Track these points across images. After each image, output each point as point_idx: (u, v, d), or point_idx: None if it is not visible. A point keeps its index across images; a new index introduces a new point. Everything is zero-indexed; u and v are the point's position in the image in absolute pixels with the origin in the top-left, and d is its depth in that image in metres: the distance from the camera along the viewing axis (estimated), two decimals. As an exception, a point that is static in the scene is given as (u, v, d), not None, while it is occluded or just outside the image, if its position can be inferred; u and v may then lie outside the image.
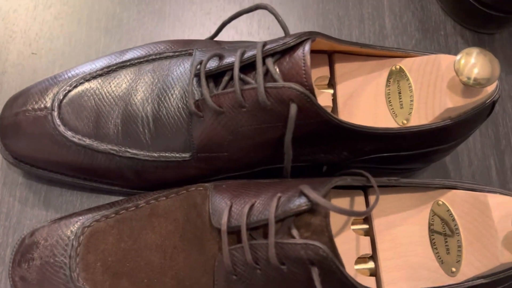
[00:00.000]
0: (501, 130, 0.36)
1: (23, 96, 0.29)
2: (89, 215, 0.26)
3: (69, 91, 0.28)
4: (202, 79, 0.26)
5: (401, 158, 0.30)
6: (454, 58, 0.26)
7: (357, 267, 0.27)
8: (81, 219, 0.26)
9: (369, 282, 0.27)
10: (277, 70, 0.25)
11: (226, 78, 0.26)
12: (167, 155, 0.28)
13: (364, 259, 0.28)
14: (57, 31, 0.35)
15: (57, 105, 0.28)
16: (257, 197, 0.24)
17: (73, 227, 0.26)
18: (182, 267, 0.25)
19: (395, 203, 0.28)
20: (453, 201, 0.27)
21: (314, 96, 0.24)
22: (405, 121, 0.29)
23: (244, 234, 0.23)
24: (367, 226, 0.28)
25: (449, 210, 0.27)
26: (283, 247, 0.22)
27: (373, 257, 0.28)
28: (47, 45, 0.35)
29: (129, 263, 0.25)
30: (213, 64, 0.26)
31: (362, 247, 0.27)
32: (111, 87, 0.28)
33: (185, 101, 0.27)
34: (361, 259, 0.28)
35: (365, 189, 0.28)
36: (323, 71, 0.31)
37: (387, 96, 0.30)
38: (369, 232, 0.28)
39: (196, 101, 0.26)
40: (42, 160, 0.29)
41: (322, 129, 0.26)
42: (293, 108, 0.24)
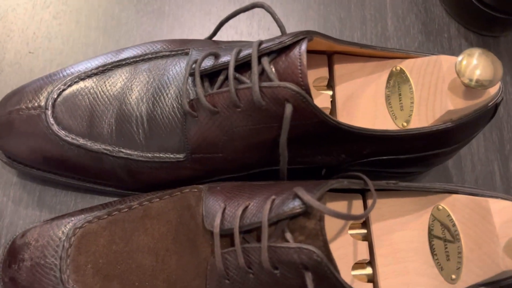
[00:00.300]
0: (505, 134, 0.36)
1: (18, 94, 0.28)
2: (81, 216, 0.26)
3: (64, 90, 0.28)
4: (196, 78, 0.25)
5: (401, 161, 0.29)
6: (455, 59, 0.26)
7: (354, 272, 0.26)
8: (73, 220, 0.26)
9: (366, 288, 0.26)
10: (273, 69, 0.24)
11: (221, 77, 0.26)
12: (161, 155, 0.27)
13: (361, 265, 0.27)
14: (55, 31, 0.35)
15: (51, 104, 0.27)
16: (251, 200, 0.24)
17: (65, 228, 0.25)
18: (174, 270, 0.24)
19: (394, 207, 0.28)
20: (454, 206, 0.26)
21: (310, 96, 0.23)
22: (405, 123, 0.28)
23: (237, 237, 0.22)
24: (365, 230, 0.27)
25: (449, 215, 0.26)
26: (276, 251, 0.21)
27: (371, 262, 0.27)
28: (45, 44, 0.35)
29: (120, 265, 0.24)
30: (208, 63, 0.26)
31: (359, 252, 0.27)
32: (106, 86, 0.28)
33: (180, 101, 0.27)
34: (359, 265, 0.27)
35: (364, 192, 0.28)
36: (322, 72, 0.30)
37: (387, 97, 0.29)
38: (367, 237, 0.27)
39: (190, 101, 0.26)
40: (35, 159, 0.28)
41: (318, 130, 0.25)
42: (288, 108, 0.23)
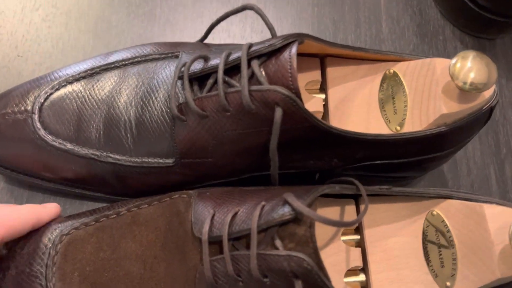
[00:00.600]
0: (501, 138, 0.35)
1: (4, 98, 0.28)
2: (68, 223, 0.25)
3: (51, 94, 0.27)
4: (185, 81, 0.25)
5: (394, 166, 0.28)
6: (449, 62, 0.25)
7: (347, 279, 0.26)
8: (60, 226, 0.25)
9: (360, 296, 0.26)
10: (263, 72, 0.24)
11: (211, 81, 0.25)
12: (150, 160, 0.27)
13: (354, 272, 0.26)
14: (45, 33, 0.34)
15: (38, 108, 0.27)
16: (241, 206, 0.23)
17: (51, 235, 0.25)
18: (162, 277, 0.24)
19: (387, 213, 0.27)
20: (448, 211, 0.26)
21: (300, 100, 0.23)
22: (398, 127, 0.28)
23: (225, 244, 0.22)
24: (358, 236, 0.27)
25: (443, 221, 0.26)
26: (266, 259, 0.21)
27: (364, 269, 0.26)
28: (34, 47, 0.34)
29: (107, 273, 0.24)
30: (198, 66, 0.26)
31: (352, 259, 0.26)
32: (94, 90, 0.27)
33: (169, 105, 0.26)
34: (352, 272, 0.26)
35: (357, 198, 0.27)
36: (315, 75, 0.30)
37: (380, 101, 0.29)
38: (360, 243, 0.27)
39: (179, 105, 0.25)
40: (22, 164, 0.28)
41: (310, 134, 0.25)
42: (278, 112, 0.23)
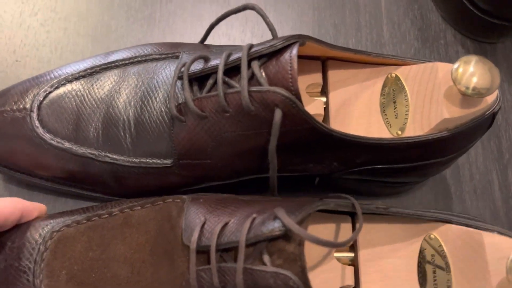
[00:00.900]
0: (504, 143, 0.35)
1: (3, 96, 0.28)
2: (60, 219, 0.25)
3: (50, 92, 0.27)
4: (184, 81, 0.25)
5: (395, 170, 0.28)
6: (451, 66, 0.25)
7: (338, 299, 0.25)
8: (52, 222, 0.25)
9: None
10: (263, 73, 0.23)
11: (210, 81, 0.25)
12: (148, 161, 0.26)
13: (346, 291, 0.26)
14: (43, 38, 0.34)
15: (36, 106, 0.27)
16: (232, 216, 0.23)
17: (42, 230, 0.24)
18: (149, 283, 0.23)
19: (383, 233, 0.26)
20: (446, 236, 0.25)
21: (300, 101, 0.23)
22: (399, 132, 0.28)
23: (213, 255, 0.21)
24: (353, 254, 0.26)
25: (441, 245, 0.25)
26: (252, 274, 0.20)
27: None
28: (32, 52, 0.34)
29: (95, 273, 0.23)
30: (198, 66, 0.25)
31: (345, 278, 0.25)
32: (94, 89, 0.27)
33: (168, 105, 0.26)
34: (343, 291, 0.26)
35: (353, 214, 0.27)
36: (316, 78, 0.30)
37: (381, 105, 0.29)
38: (353, 261, 0.26)
39: (178, 105, 0.25)
40: (19, 162, 0.28)
41: (310, 137, 0.24)
42: (278, 113, 0.23)
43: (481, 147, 0.35)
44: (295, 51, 0.23)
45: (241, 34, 0.37)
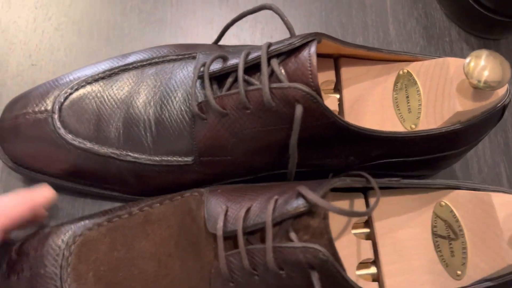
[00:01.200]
0: (510, 136, 0.36)
1: (24, 99, 0.28)
2: (81, 223, 0.25)
3: (70, 94, 0.28)
4: (205, 80, 0.25)
5: (409, 164, 0.29)
6: (463, 61, 0.26)
7: (359, 272, 0.26)
8: (72, 227, 0.25)
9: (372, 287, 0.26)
10: (283, 71, 0.24)
11: (230, 79, 0.25)
12: (169, 159, 0.27)
13: (366, 264, 0.27)
14: (58, 42, 0.35)
15: (58, 107, 0.27)
16: (254, 201, 0.23)
17: (64, 236, 0.25)
18: (177, 275, 0.24)
19: (396, 205, 0.27)
20: (456, 201, 0.26)
21: (320, 97, 0.23)
22: (413, 126, 0.28)
23: (240, 238, 0.22)
24: (368, 230, 0.27)
25: (452, 211, 0.26)
26: (281, 251, 0.21)
27: (375, 261, 0.26)
28: (47, 56, 0.34)
29: (122, 272, 0.24)
30: (216, 66, 0.26)
31: (363, 252, 0.26)
32: (113, 90, 0.28)
33: (188, 104, 0.26)
34: (363, 264, 0.27)
35: (366, 192, 0.28)
36: (329, 75, 0.30)
37: (394, 100, 0.30)
38: (370, 236, 0.27)
39: (199, 103, 0.26)
40: (42, 164, 0.28)
41: (328, 132, 0.25)
42: (299, 109, 0.23)
43: (488, 141, 0.35)
44: (313, 48, 0.24)
45: (251, 35, 0.37)
